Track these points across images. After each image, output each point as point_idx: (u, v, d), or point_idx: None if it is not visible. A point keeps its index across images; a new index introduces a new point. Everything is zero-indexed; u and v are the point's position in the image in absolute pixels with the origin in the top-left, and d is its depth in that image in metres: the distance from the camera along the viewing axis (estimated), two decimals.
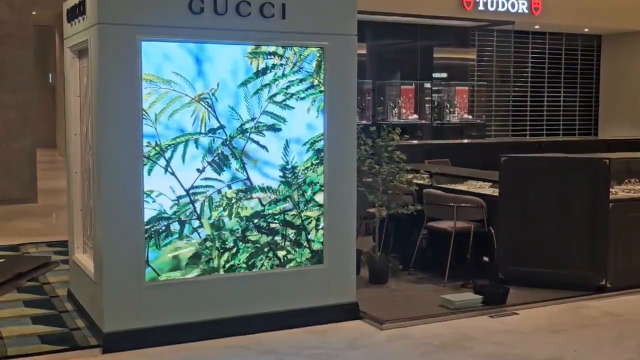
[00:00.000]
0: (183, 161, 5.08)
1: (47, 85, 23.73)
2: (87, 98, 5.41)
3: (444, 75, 14.16)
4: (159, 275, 5.08)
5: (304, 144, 5.45)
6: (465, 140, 12.95)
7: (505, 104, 16.03)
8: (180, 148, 5.07)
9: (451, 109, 13.82)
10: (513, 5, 13.71)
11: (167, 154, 5.03)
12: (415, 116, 13.31)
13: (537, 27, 15.55)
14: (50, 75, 23.71)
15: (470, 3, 13.29)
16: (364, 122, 12.09)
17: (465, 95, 14.08)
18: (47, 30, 21.70)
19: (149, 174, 4.98)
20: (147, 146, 4.96)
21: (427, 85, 13.67)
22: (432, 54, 14.05)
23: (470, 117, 14.02)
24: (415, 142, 10.95)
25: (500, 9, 13.57)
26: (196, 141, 5.11)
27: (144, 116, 4.93)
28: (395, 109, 13.20)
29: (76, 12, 5.42)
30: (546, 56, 16.72)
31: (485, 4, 13.45)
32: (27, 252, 8.12)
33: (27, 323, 5.54)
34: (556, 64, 16.91)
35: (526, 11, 13.87)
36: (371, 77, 13.16)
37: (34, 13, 17.14)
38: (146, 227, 5.00)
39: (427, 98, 13.62)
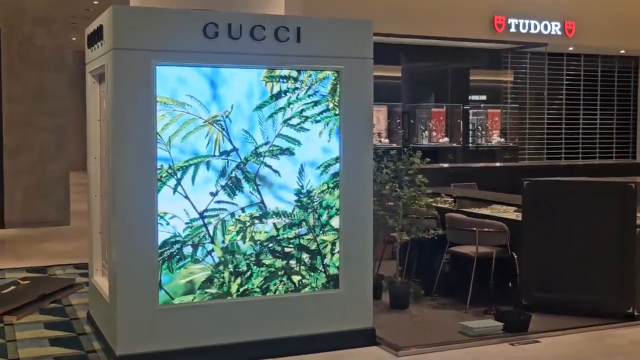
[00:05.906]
0: (193, 183, 5.07)
1: (84, 110, 24.16)
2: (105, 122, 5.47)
3: (483, 97, 14.00)
4: (172, 298, 5.07)
5: (318, 167, 5.42)
6: (497, 164, 12.78)
7: (540, 126, 15.81)
8: (193, 170, 5.08)
9: (483, 132, 13.67)
10: (546, 27, 13.53)
11: (180, 176, 5.04)
12: (446, 139, 13.19)
13: (571, 48, 15.33)
14: None
15: (501, 25, 13.15)
16: (394, 145, 12.02)
17: (497, 118, 13.91)
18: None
19: (162, 196, 5.00)
20: (161, 169, 4.99)
21: (460, 108, 13.54)
22: (468, 76, 13.92)
23: (502, 140, 13.84)
24: (443, 165, 10.84)
25: (532, 30, 13.40)
26: (208, 164, 5.12)
27: (157, 139, 4.96)
28: (426, 132, 13.10)
29: (95, 37, 5.50)
30: (581, 78, 16.45)
31: (517, 26, 13.29)
32: (53, 274, 8.21)
33: (45, 345, 5.58)
34: (592, 86, 16.64)
35: (559, 33, 13.68)
36: (404, 99, 13.09)
37: (74, 39, 17.43)
38: (159, 250, 5.01)
39: (458, 121, 13.49)
